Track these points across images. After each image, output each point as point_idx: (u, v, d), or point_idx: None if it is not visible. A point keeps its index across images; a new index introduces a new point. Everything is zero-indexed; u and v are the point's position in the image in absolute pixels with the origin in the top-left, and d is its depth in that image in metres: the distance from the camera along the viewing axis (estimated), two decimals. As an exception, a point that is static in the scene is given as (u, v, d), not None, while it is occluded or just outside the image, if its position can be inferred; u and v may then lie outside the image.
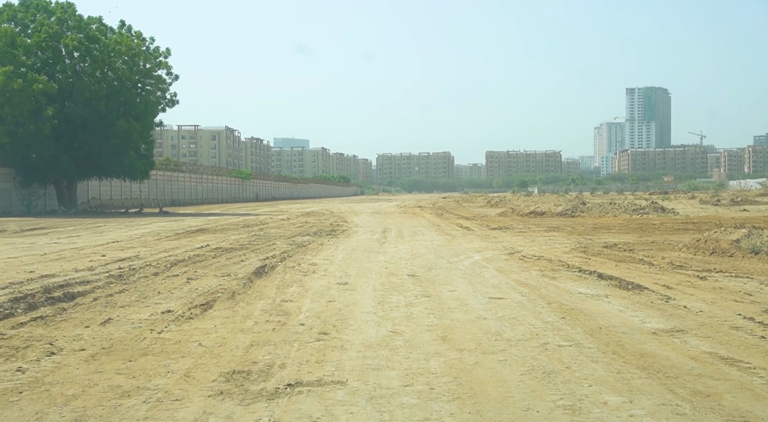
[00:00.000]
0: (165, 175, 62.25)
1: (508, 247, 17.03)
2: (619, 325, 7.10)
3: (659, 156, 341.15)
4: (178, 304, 8.24)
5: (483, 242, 18.81)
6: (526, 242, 18.41)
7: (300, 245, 17.75)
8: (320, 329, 6.86)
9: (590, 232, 22.50)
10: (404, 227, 26.63)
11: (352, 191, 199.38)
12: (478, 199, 78.89)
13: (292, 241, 19.00)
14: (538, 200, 53.26)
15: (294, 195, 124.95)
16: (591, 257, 14.37)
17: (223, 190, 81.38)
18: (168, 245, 17.85)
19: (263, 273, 11.55)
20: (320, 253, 15.63)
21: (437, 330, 6.85)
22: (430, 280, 10.83)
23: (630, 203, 37.01)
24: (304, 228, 25.10)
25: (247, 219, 32.49)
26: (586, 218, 31.99)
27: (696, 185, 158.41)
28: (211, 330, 6.79)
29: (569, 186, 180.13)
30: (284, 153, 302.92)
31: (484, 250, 16.35)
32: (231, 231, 23.44)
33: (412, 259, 14.31)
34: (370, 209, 48.82)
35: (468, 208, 51.18)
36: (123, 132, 37.74)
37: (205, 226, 26.69)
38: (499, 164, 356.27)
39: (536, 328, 6.95)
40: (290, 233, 22.58)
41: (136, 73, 39.61)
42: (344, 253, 15.71)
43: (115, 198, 50.68)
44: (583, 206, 36.01)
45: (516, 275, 11.42)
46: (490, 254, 15.46)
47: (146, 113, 40.70)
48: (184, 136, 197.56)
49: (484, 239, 19.61)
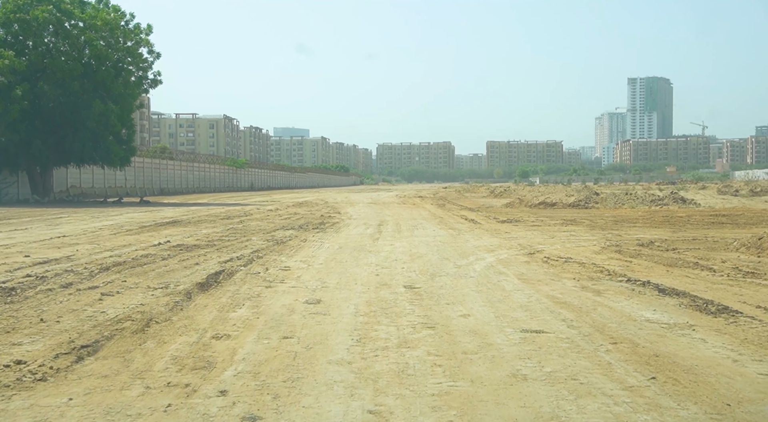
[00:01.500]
0: (153, 162, 59.20)
1: (525, 245, 14.23)
2: (756, 398, 4.26)
3: (661, 146, 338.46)
4: (48, 346, 5.37)
5: (494, 238, 15.99)
6: (544, 239, 15.60)
7: (278, 241, 14.95)
8: (247, 409, 4.01)
9: (613, 226, 19.73)
10: (403, 219, 23.83)
11: (352, 181, 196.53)
12: (480, 189, 76.05)
13: (271, 236, 16.19)
14: (546, 190, 50.45)
15: (291, 185, 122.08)
16: (631, 260, 11.58)
17: (216, 179, 78.42)
18: (120, 241, 15.03)
19: (213, 284, 8.75)
20: (299, 253, 12.83)
21: (451, 410, 4.03)
22: (434, 295, 8.02)
23: (647, 194, 34.20)
24: (290, 220, 22.30)
25: (232, 210, 29.67)
26: (602, 210, 29.26)
27: (700, 175, 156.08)
28: (53, 413, 3.95)
29: (571, 176, 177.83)
30: (284, 142, 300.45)
31: (498, 249, 13.54)
32: (206, 224, 20.62)
33: (410, 261, 11.50)
34: (368, 200, 45.98)
35: (471, 198, 48.37)
36: (99, 115, 34.66)
37: (180, 217, 23.88)
38: (500, 154, 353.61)
39: (620, 408, 4.10)
40: (272, 226, 19.78)
41: (115, 51, 36.47)
42: (328, 252, 12.90)
43: (98, 187, 47.67)
44: (596, 197, 33.24)
45: (547, 288, 8.61)
46: (505, 254, 12.66)
47: (125, 95, 37.50)
48: (181, 124, 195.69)
49: (495, 235, 16.80)
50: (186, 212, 27.10)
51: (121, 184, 51.92)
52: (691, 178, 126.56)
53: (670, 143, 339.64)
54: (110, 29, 35.34)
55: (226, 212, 27.33)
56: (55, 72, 34.18)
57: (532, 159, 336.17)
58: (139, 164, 55.77)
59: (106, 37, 35.78)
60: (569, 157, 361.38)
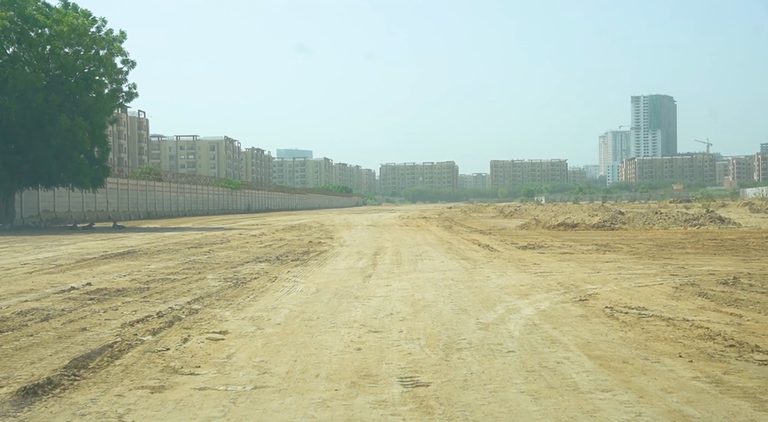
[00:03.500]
0: (139, 184, 55.45)
1: (567, 284, 10.60)
2: None
3: (666, 164, 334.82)
4: None
5: (521, 272, 12.35)
6: (587, 274, 11.95)
7: (239, 281, 11.34)
8: None
9: (660, 253, 16.11)
10: (404, 245, 20.18)
11: (354, 202, 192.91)
12: (486, 209, 72.42)
13: (233, 273, 12.59)
14: (561, 210, 46.75)
15: (291, 206, 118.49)
16: (734, 312, 7.95)
17: (210, 201, 74.67)
18: (26, 283, 11.39)
19: (57, 386, 5.09)
20: (256, 302, 9.20)
21: None
22: (455, 407, 4.35)
23: (678, 213, 30.50)
24: (269, 249, 18.69)
25: (210, 236, 26.03)
26: (632, 231, 25.66)
27: (709, 193, 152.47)
28: None
29: (578, 195, 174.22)
30: (286, 164, 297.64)
31: (532, 291, 9.91)
32: (165, 255, 16.95)
33: (412, 317, 7.87)
34: (368, 221, 42.32)
35: (479, 219, 44.70)
36: (66, 131, 30.89)
37: (141, 246, 20.22)
38: (504, 173, 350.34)
39: None
40: (244, 257, 16.15)
41: (85, 61, 32.88)
42: (297, 301, 9.26)
43: (75, 211, 43.81)
44: (621, 217, 29.58)
45: (653, 386, 4.94)
46: (545, 300, 9.05)
47: (96, 109, 33.56)
48: (182, 146, 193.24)
49: (521, 267, 13.15)
50: (153, 240, 23.45)
51: (102, 207, 48.13)
52: (700, 195, 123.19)
53: (676, 161, 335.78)
54: (78, 36, 31.61)
55: (200, 239, 23.70)
56: (17, 84, 30.48)
57: (536, 178, 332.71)
58: (123, 185, 52.12)
59: (73, 45, 32.15)
60: (574, 175, 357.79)
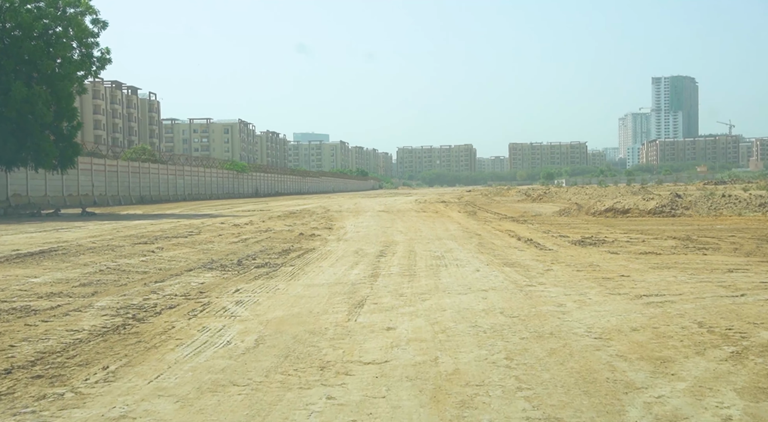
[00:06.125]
0: (131, 166, 50.54)
1: (713, 325, 5.83)
2: None
3: (689, 146, 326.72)
4: None
5: (610, 293, 7.58)
6: (727, 297, 7.13)
7: (133, 318, 6.70)
8: None
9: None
10: (421, 239, 15.34)
11: (370, 185, 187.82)
12: (509, 192, 67.26)
13: (146, 295, 7.95)
14: (598, 193, 41.77)
15: (302, 190, 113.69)
16: None
17: (213, 184, 69.75)
18: None
19: None
20: (105, 390, 4.41)
21: None
22: None
23: (753, 196, 25.58)
24: (240, 246, 13.95)
25: (181, 225, 21.27)
26: (701, 219, 20.83)
27: (737, 174, 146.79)
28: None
29: (600, 178, 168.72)
30: (302, 147, 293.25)
31: (663, 349, 5.10)
32: (87, 256, 12.15)
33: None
34: (380, 206, 37.42)
35: (504, 203, 39.70)
36: (22, 101, 26.09)
37: (77, 242, 15.46)
38: (523, 156, 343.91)
39: None
40: (194, 260, 11.42)
41: (49, 20, 27.82)
42: (192, 386, 4.48)
43: (52, 195, 38.83)
44: (680, 200, 24.65)
45: None
46: (711, 382, 4.18)
47: (61, 76, 28.42)
48: (195, 129, 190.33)
49: (603, 283, 8.34)
50: (105, 232, 18.65)
51: (87, 191, 43.22)
52: (728, 177, 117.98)
53: (698, 143, 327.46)
54: (36, -12, 26.87)
55: (167, 230, 18.94)
56: (-36, 46, 25.75)
57: (555, 161, 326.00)
58: (112, 167, 47.20)
59: (32, 1, 27.31)
60: (593, 158, 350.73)
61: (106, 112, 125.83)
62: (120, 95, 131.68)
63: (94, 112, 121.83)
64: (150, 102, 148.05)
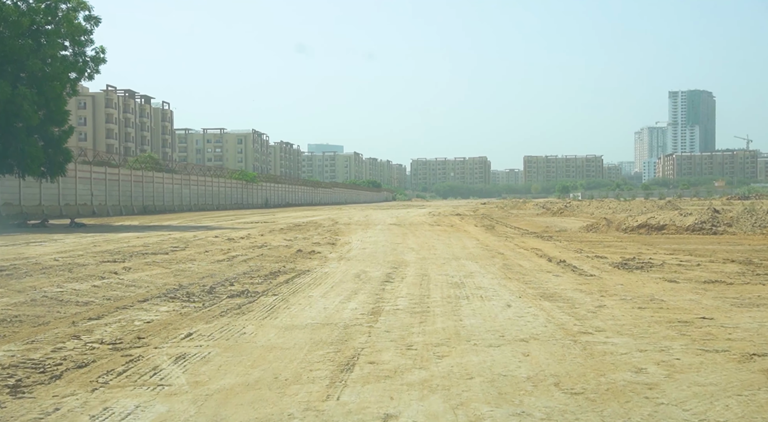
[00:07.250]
0: (134, 174, 48.47)
1: None
2: None
3: (706, 160, 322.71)
4: None
5: (699, 348, 5.41)
6: None
7: None
8: None
9: None
10: (435, 259, 13.18)
11: (383, 197, 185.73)
12: (526, 205, 64.91)
13: (51, 349, 5.84)
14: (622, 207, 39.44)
15: (314, 201, 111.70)
16: None
17: (221, 194, 67.74)
18: None
19: None
20: None
21: None
22: None
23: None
24: (222, 266, 11.89)
25: (170, 239, 19.25)
26: (747, 237, 18.77)
27: (757, 190, 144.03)
28: None
29: (616, 191, 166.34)
30: (315, 158, 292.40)
31: None
32: (30, 279, 10.09)
33: None
34: (391, 219, 35.31)
35: (523, 217, 37.44)
36: (5, 102, 24.02)
37: (36, 260, 13.45)
38: (538, 169, 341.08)
39: None
40: (159, 285, 9.38)
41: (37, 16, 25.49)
42: None
43: (47, 204, 36.76)
44: (719, 216, 22.42)
45: None
46: None
47: (51, 76, 26.33)
48: (209, 140, 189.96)
49: (680, 329, 6.17)
50: (79, 247, 16.58)
51: (85, 201, 41.15)
52: (748, 192, 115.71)
53: (716, 157, 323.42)
54: (22, -19, 24.88)
55: (152, 244, 16.91)
56: (-57, 42, 23.75)
57: (570, 174, 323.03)
58: (113, 176, 45.25)
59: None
60: (609, 172, 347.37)
61: (118, 121, 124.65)
62: (133, 104, 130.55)
63: (106, 121, 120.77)
64: (163, 111, 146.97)
